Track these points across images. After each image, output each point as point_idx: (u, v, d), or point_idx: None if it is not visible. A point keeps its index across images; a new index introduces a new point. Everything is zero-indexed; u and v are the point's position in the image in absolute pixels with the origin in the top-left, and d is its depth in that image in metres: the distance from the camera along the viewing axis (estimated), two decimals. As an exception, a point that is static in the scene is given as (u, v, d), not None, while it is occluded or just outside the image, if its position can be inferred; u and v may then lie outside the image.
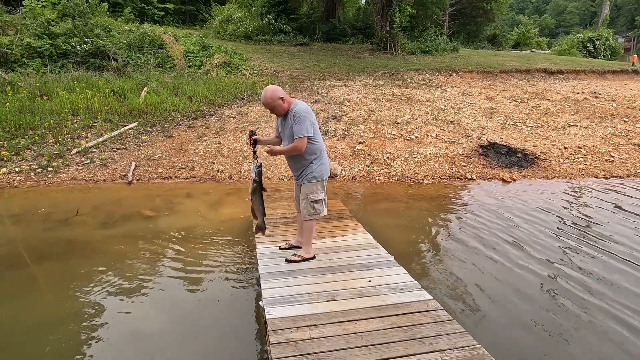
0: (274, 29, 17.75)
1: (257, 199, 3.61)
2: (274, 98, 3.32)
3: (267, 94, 3.33)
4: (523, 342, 3.17)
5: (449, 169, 7.64)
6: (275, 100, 3.32)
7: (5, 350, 3.04)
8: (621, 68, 15.25)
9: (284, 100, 3.36)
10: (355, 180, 7.25)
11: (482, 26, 26.52)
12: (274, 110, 3.41)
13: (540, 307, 3.60)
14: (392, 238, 4.82)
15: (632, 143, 9.08)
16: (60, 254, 4.56)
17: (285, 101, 3.37)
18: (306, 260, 3.68)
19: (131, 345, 3.16)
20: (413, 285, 3.30)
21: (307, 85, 11.33)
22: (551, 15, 77.76)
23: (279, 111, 3.41)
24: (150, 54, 12.00)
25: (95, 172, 7.10)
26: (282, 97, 3.34)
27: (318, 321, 2.79)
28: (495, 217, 5.66)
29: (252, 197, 3.59)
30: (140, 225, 5.31)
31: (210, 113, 9.31)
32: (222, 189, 6.72)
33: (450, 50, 17.19)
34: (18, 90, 8.90)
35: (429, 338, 2.62)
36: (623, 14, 66.19)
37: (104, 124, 8.34)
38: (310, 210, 3.56)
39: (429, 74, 12.86)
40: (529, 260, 4.46)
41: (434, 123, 9.37)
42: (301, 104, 3.43)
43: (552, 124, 9.81)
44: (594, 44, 25.40)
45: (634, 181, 7.46)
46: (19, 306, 3.60)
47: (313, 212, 3.57)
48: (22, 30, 10.98)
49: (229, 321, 3.42)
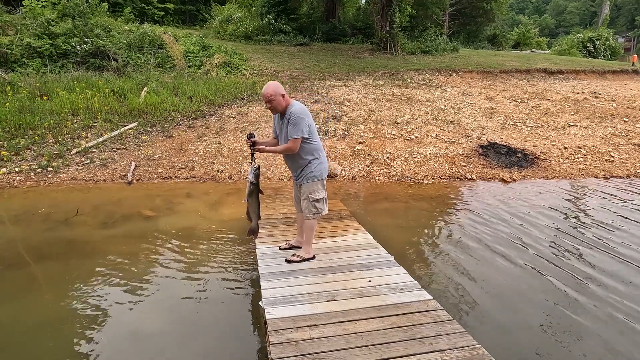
0: (274, 29, 17.75)
1: (253, 201, 3.60)
2: (276, 93, 3.34)
3: (268, 89, 3.35)
4: (523, 342, 3.17)
5: (449, 169, 7.64)
6: (277, 95, 3.35)
7: (5, 350, 3.04)
8: (621, 68, 15.25)
9: (284, 97, 3.39)
10: (355, 180, 7.25)
11: (482, 26, 26.52)
12: (272, 106, 3.42)
13: (541, 307, 3.60)
14: (392, 238, 4.82)
15: (632, 143, 9.08)
16: (60, 254, 4.55)
17: (285, 99, 3.40)
18: (306, 261, 3.68)
19: (131, 345, 3.16)
20: (413, 285, 3.30)
21: (307, 85, 11.33)
22: (551, 15, 77.76)
23: (277, 108, 3.42)
24: (150, 54, 12.01)
25: (95, 172, 7.10)
26: (283, 94, 3.38)
27: (318, 321, 2.79)
28: (495, 217, 5.66)
29: (248, 200, 3.57)
30: (140, 225, 5.31)
31: (210, 113, 9.31)
32: (222, 189, 6.72)
33: (450, 50, 17.19)
34: (18, 90, 8.90)
35: (429, 338, 2.62)
36: (623, 13, 66.18)
37: (104, 124, 8.34)
38: (312, 209, 3.58)
39: (429, 74, 12.86)
40: (529, 260, 4.46)
41: (434, 123, 9.37)
42: (298, 104, 3.45)
43: (552, 124, 9.81)
44: (594, 44, 25.40)
45: (633, 181, 7.46)
46: (19, 306, 3.60)
47: (315, 211, 3.59)
48: (22, 30, 10.98)
49: (229, 321, 3.42)
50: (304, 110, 3.44)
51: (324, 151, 3.69)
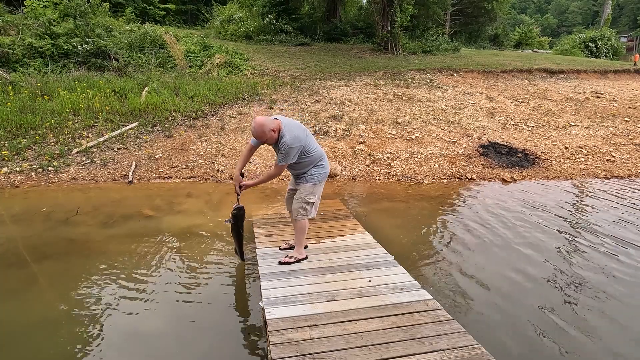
0: (275, 29, 17.75)
1: (234, 236, 3.87)
2: (265, 131, 3.34)
3: (257, 131, 3.34)
4: (523, 342, 3.16)
5: (450, 169, 7.63)
6: (266, 133, 3.35)
7: (5, 350, 3.05)
8: (623, 68, 15.20)
9: (274, 131, 3.38)
10: (355, 180, 7.25)
11: (483, 26, 26.42)
12: (265, 141, 3.44)
13: (541, 307, 3.59)
14: (392, 238, 4.81)
15: (633, 143, 9.05)
16: (60, 254, 4.56)
17: (275, 131, 3.38)
18: (300, 261, 3.69)
19: (131, 345, 3.16)
20: (413, 285, 3.30)
21: (308, 85, 11.33)
22: (553, 15, 77.60)
23: (271, 142, 3.45)
24: (152, 54, 12.02)
25: (96, 171, 7.11)
26: (273, 128, 3.35)
27: (318, 321, 2.79)
28: (495, 217, 5.64)
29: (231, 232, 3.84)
30: (140, 225, 5.32)
31: (211, 113, 9.32)
32: (222, 189, 6.72)
33: (452, 50, 17.15)
34: (19, 90, 8.92)
35: (429, 338, 2.62)
36: (625, 13, 65.97)
37: (104, 124, 8.35)
38: (301, 210, 3.61)
39: (430, 74, 12.85)
40: (529, 260, 4.45)
41: (435, 123, 9.36)
42: (289, 134, 3.39)
43: (553, 124, 9.79)
44: (596, 43, 25.31)
45: (634, 181, 7.44)
46: (19, 305, 3.61)
47: (302, 213, 3.62)
48: (23, 30, 11.01)
49: (228, 321, 3.42)
50: (295, 139, 3.40)
51: (324, 156, 3.72)
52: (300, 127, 3.50)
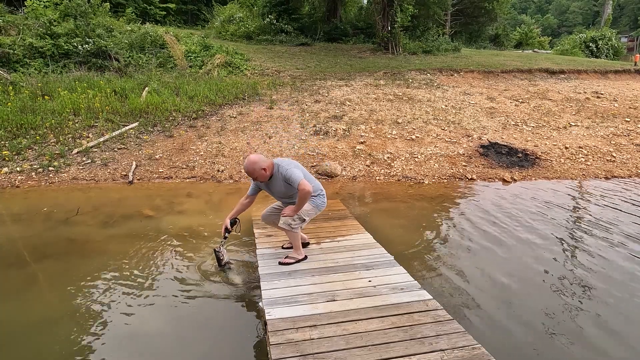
0: (276, 29, 17.76)
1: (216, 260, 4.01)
2: (255, 169, 3.37)
3: (248, 168, 3.38)
4: (523, 342, 3.16)
5: (450, 169, 7.63)
6: (258, 171, 3.37)
7: (5, 350, 3.05)
8: (623, 68, 15.19)
9: (266, 170, 3.39)
10: (355, 180, 7.25)
11: (484, 26, 26.41)
12: (256, 178, 3.45)
13: (542, 307, 3.59)
14: (392, 238, 4.81)
15: (633, 143, 9.05)
16: (60, 254, 4.56)
17: (267, 170, 3.40)
18: (300, 261, 3.70)
19: (131, 345, 3.16)
20: (413, 285, 3.30)
21: (308, 85, 11.34)
22: (554, 15, 77.57)
23: (262, 179, 3.46)
24: (152, 54, 12.03)
25: (96, 171, 7.11)
26: (264, 167, 3.37)
27: (318, 322, 2.79)
28: (495, 218, 5.64)
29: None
30: (140, 225, 5.32)
31: (211, 113, 9.32)
32: (222, 189, 6.72)
33: (452, 50, 17.15)
34: (20, 90, 8.93)
35: (429, 338, 2.61)
36: (626, 13, 65.92)
37: (105, 124, 8.36)
38: (289, 222, 3.55)
39: (430, 74, 12.85)
40: (529, 260, 4.45)
41: (435, 123, 9.36)
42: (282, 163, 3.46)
43: (553, 124, 9.78)
44: (596, 43, 25.30)
45: (634, 181, 7.43)
46: (19, 305, 3.61)
47: (289, 223, 3.56)
48: (24, 31, 11.02)
49: (228, 322, 3.42)
50: (290, 163, 3.49)
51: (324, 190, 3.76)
52: (296, 163, 3.58)
